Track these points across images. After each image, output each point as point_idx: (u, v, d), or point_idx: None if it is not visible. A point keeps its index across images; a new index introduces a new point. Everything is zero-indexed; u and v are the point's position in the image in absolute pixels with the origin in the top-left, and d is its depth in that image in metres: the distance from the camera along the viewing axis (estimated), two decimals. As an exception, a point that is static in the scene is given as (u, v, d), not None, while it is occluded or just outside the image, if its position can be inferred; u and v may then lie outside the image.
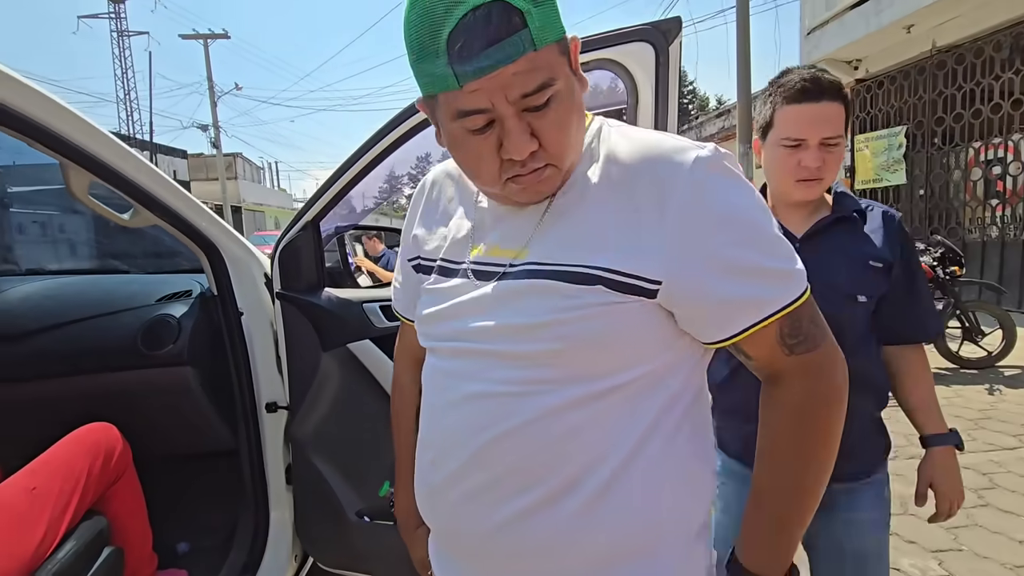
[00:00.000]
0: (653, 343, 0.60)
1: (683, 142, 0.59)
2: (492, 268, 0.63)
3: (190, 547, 1.51)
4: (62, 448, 1.10)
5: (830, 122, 1.02)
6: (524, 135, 0.55)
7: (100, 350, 1.33)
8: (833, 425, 0.62)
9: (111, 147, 1.07)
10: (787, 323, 0.59)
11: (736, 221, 0.57)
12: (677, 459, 0.62)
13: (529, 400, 0.59)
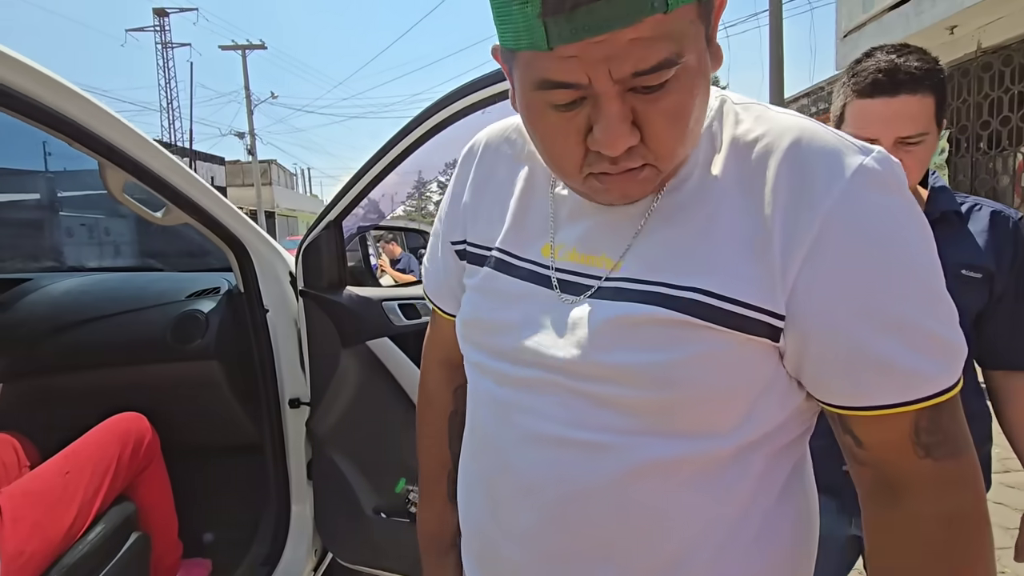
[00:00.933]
0: (775, 396, 0.47)
1: (843, 140, 0.44)
2: (581, 280, 0.49)
3: (214, 538, 1.55)
4: (95, 435, 1.14)
5: (908, 119, 0.88)
6: (623, 124, 0.40)
7: (133, 343, 1.38)
8: (991, 540, 0.45)
9: (145, 147, 1.11)
10: (930, 415, 0.43)
11: (905, 263, 0.42)
12: (781, 535, 0.50)
13: (626, 455, 0.46)
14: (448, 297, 0.67)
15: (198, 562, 1.41)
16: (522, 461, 0.50)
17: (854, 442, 0.47)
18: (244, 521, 1.55)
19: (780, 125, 0.45)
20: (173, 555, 1.29)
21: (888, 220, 0.42)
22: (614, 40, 0.37)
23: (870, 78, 0.90)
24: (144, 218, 1.25)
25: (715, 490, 0.47)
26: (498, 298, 0.54)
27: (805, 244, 0.42)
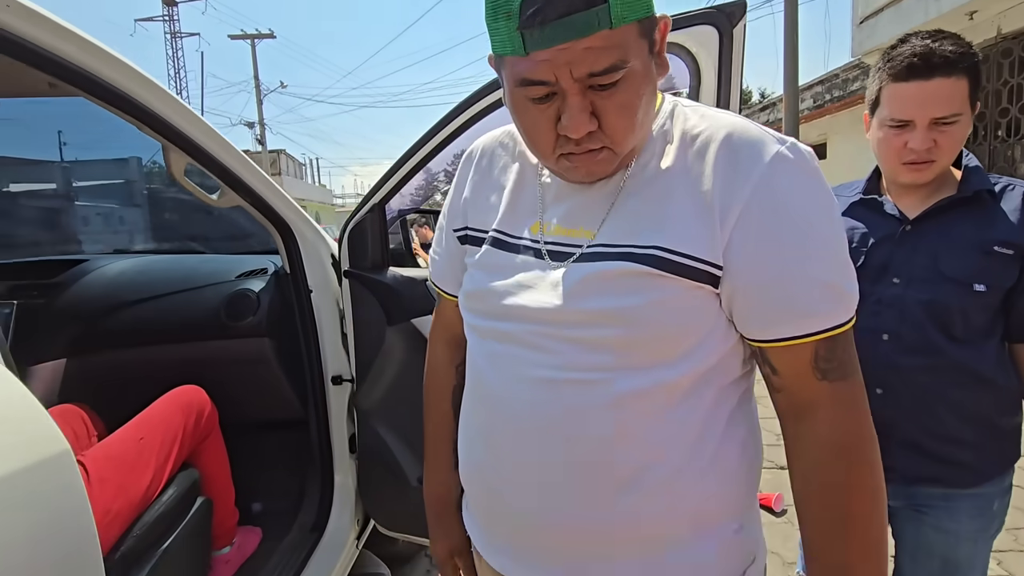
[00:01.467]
0: (718, 333, 0.58)
1: (765, 133, 0.57)
2: (565, 249, 0.61)
3: (263, 507, 1.62)
4: (162, 405, 1.21)
5: (942, 100, 0.93)
6: (583, 114, 0.52)
7: (188, 321, 1.45)
8: (876, 459, 0.57)
9: (207, 132, 1.16)
10: (825, 345, 0.56)
11: (805, 224, 0.55)
12: (730, 455, 0.61)
13: (600, 387, 0.57)
14: (451, 280, 0.78)
15: (251, 529, 1.49)
16: (516, 402, 0.61)
17: (771, 371, 0.60)
18: (291, 492, 1.63)
19: (718, 122, 0.58)
20: (230, 521, 1.37)
21: (796, 195, 0.55)
22: (573, 48, 0.49)
23: (905, 62, 0.94)
24: (200, 200, 1.30)
25: (676, 416, 0.58)
26: (496, 270, 0.65)
27: (736, 211, 0.54)
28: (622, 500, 0.58)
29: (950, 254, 1.00)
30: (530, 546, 0.64)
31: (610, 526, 0.60)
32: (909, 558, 1.14)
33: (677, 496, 0.59)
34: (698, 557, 0.61)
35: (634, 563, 0.60)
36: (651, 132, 0.61)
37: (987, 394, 1.02)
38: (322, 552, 1.47)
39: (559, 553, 0.62)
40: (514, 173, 0.69)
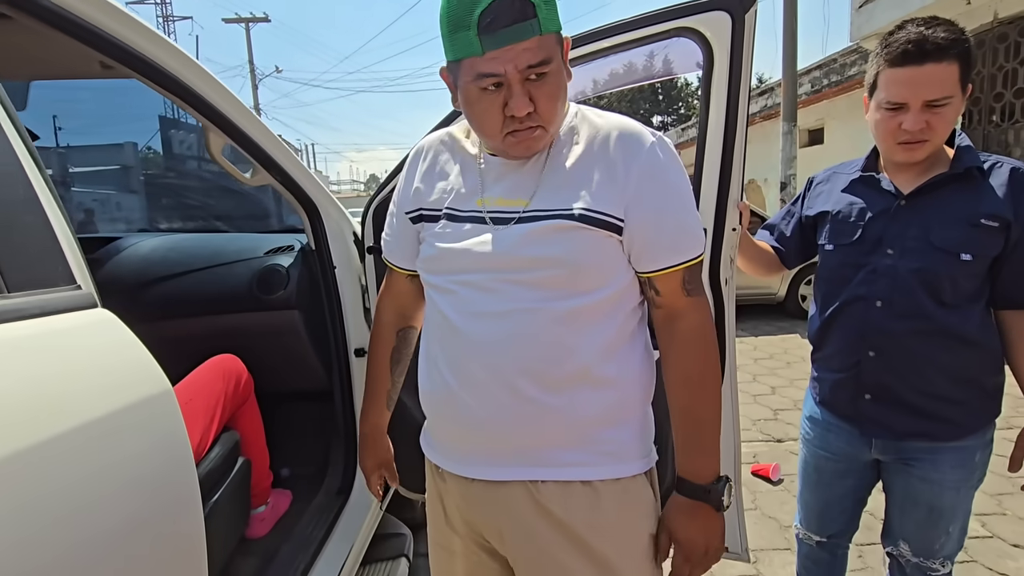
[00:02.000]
0: (621, 268, 0.80)
1: (643, 127, 0.80)
2: (505, 215, 0.79)
3: (291, 472, 1.71)
4: (204, 371, 1.29)
5: (934, 84, 1.01)
6: (525, 97, 0.71)
7: (222, 294, 1.52)
8: (716, 341, 0.85)
9: (245, 114, 1.23)
10: (688, 272, 0.81)
11: (674, 190, 0.79)
12: (636, 356, 0.84)
13: (541, 313, 0.76)
14: (401, 255, 0.96)
15: (282, 492, 1.57)
16: (477, 334, 0.78)
17: (655, 293, 0.83)
18: (317, 458, 1.72)
19: (612, 120, 0.81)
20: (266, 482, 1.45)
21: (665, 166, 0.78)
22: (517, 48, 0.68)
23: (900, 48, 1.02)
24: (235, 178, 1.37)
25: (598, 331, 0.79)
26: (452, 237, 0.82)
27: (631, 179, 0.76)
28: (566, 397, 0.78)
29: (940, 226, 1.08)
30: (495, 448, 0.81)
31: (559, 418, 0.78)
32: (898, 508, 1.24)
33: (604, 391, 0.79)
34: (622, 437, 0.82)
35: (577, 446, 0.80)
36: (563, 126, 0.81)
37: (972, 355, 1.11)
38: (349, 513, 1.56)
39: (520, 446, 0.80)
40: (457, 164, 0.87)
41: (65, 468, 0.50)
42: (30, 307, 0.52)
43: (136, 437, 0.58)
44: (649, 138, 0.78)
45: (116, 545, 0.54)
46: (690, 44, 1.17)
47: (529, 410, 0.77)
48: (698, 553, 0.83)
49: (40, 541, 0.47)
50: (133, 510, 0.56)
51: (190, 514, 0.64)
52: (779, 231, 1.41)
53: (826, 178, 1.33)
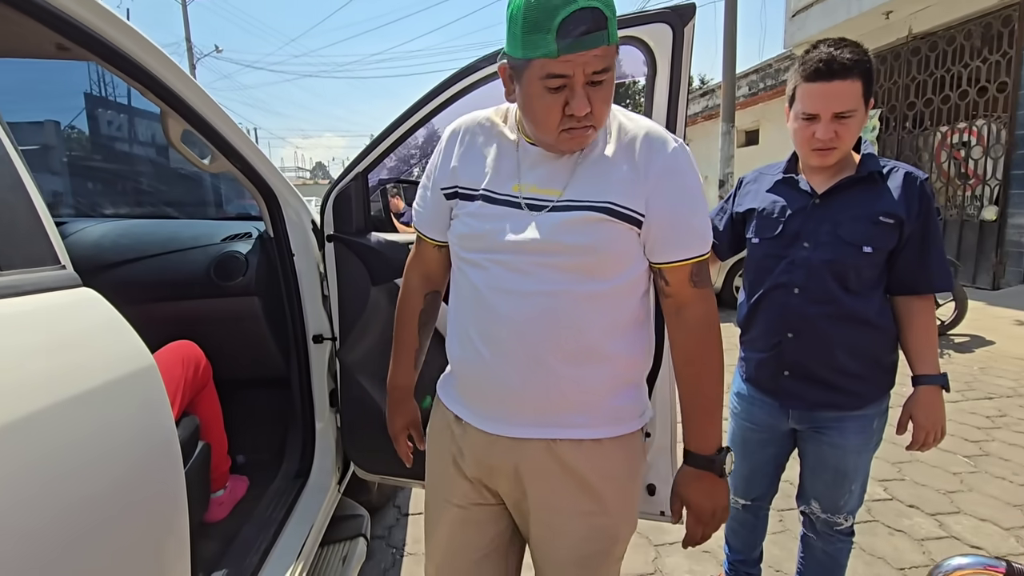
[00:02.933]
0: (637, 258, 0.89)
1: (667, 132, 0.89)
2: (541, 202, 0.87)
3: (246, 460, 1.72)
4: (162, 357, 1.29)
5: (842, 98, 1.16)
6: (585, 98, 0.78)
7: (178, 281, 1.50)
8: (720, 331, 0.94)
9: (204, 99, 1.23)
10: (696, 266, 0.90)
11: (690, 193, 0.88)
12: (644, 333, 0.96)
13: (565, 296, 0.85)
14: (433, 228, 1.02)
15: (238, 478, 1.59)
16: (508, 309, 0.87)
17: (665, 283, 0.91)
18: (274, 444, 1.73)
19: (640, 123, 0.89)
20: (224, 466, 1.47)
21: (684, 171, 0.87)
22: (588, 54, 0.75)
23: (813, 66, 1.17)
24: (194, 164, 1.37)
25: (616, 312, 0.89)
26: (488, 218, 0.89)
27: (652, 179, 0.85)
28: (580, 370, 0.88)
29: (847, 222, 1.24)
30: (518, 410, 0.91)
31: (573, 387, 0.88)
32: (810, 471, 1.41)
33: (612, 365, 0.90)
34: (626, 402, 0.94)
35: (587, 412, 0.91)
36: None
37: (872, 335, 1.28)
38: (308, 495, 1.59)
39: (539, 410, 0.90)
40: (494, 148, 0.93)
41: (55, 437, 0.53)
42: (18, 285, 0.55)
43: (123, 409, 0.62)
44: (672, 143, 0.87)
45: (106, 507, 0.58)
46: (636, 51, 1.27)
47: (550, 380, 0.87)
48: (707, 515, 0.95)
49: (34, 505, 0.51)
50: (121, 474, 0.60)
51: (173, 478, 0.68)
52: (713, 226, 1.54)
53: (754, 178, 1.48)
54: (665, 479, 1.35)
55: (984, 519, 2.17)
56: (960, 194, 6.63)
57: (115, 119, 2.32)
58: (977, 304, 5.37)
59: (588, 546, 0.95)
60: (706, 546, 2.01)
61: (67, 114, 2.24)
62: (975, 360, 4.22)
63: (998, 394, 3.53)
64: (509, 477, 0.95)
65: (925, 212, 1.23)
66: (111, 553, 0.57)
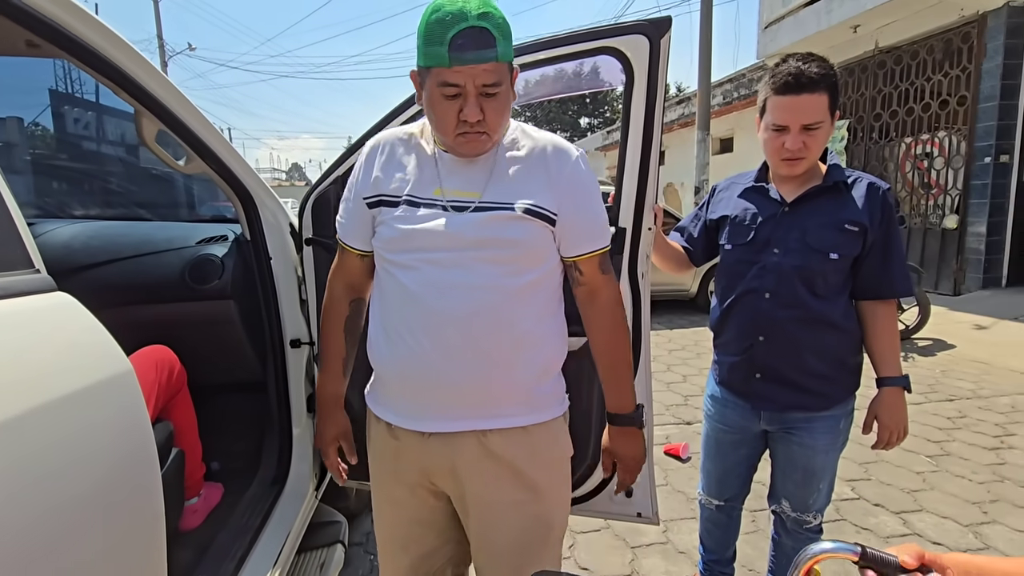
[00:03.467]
0: (553, 253, 1.01)
1: (570, 144, 1.02)
2: (462, 203, 0.96)
3: (221, 466, 1.69)
4: (136, 360, 1.25)
5: (810, 111, 1.21)
6: (476, 107, 0.88)
7: (151, 284, 1.47)
8: (623, 310, 1.08)
9: (178, 99, 1.21)
10: (602, 256, 1.03)
11: (593, 194, 1.01)
12: (557, 323, 1.05)
13: (499, 289, 0.94)
14: (355, 237, 1.08)
15: (213, 485, 1.56)
16: (439, 304, 0.94)
17: (579, 273, 1.03)
18: (249, 451, 1.70)
19: (547, 136, 1.02)
20: (198, 473, 1.44)
21: (587, 176, 1.01)
22: (477, 68, 0.85)
23: (782, 80, 1.22)
24: (169, 165, 1.34)
25: (537, 301, 0.99)
26: (413, 220, 0.97)
27: (562, 184, 0.97)
28: (512, 359, 0.96)
29: (815, 229, 1.29)
30: (452, 404, 0.98)
31: (505, 376, 0.97)
32: (780, 471, 1.45)
33: (538, 352, 1.00)
34: (550, 389, 1.04)
35: (516, 402, 1.00)
36: (506, 135, 1.00)
37: (838, 338, 1.32)
38: (285, 501, 1.57)
39: (473, 402, 0.97)
40: (414, 158, 1.02)
41: (34, 440, 0.53)
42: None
43: (100, 414, 0.61)
44: (575, 152, 1.01)
45: (84, 512, 0.57)
46: (612, 62, 1.30)
47: (492, 372, 0.96)
48: (633, 463, 1.10)
49: (12, 508, 0.50)
50: (98, 479, 0.60)
51: (152, 483, 0.67)
52: (688, 232, 1.58)
53: (726, 186, 1.52)
54: (641, 482, 1.38)
55: (945, 516, 2.25)
56: (923, 203, 6.87)
57: (83, 117, 2.27)
58: (939, 309, 5.58)
59: (525, 535, 1.03)
60: (682, 547, 2.05)
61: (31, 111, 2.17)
62: (937, 363, 4.38)
63: (958, 396, 3.67)
64: (447, 475, 1.02)
65: (887, 220, 1.28)
66: (90, 557, 0.56)
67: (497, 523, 1.02)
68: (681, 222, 1.64)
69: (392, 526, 1.13)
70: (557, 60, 1.31)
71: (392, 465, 1.07)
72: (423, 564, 1.13)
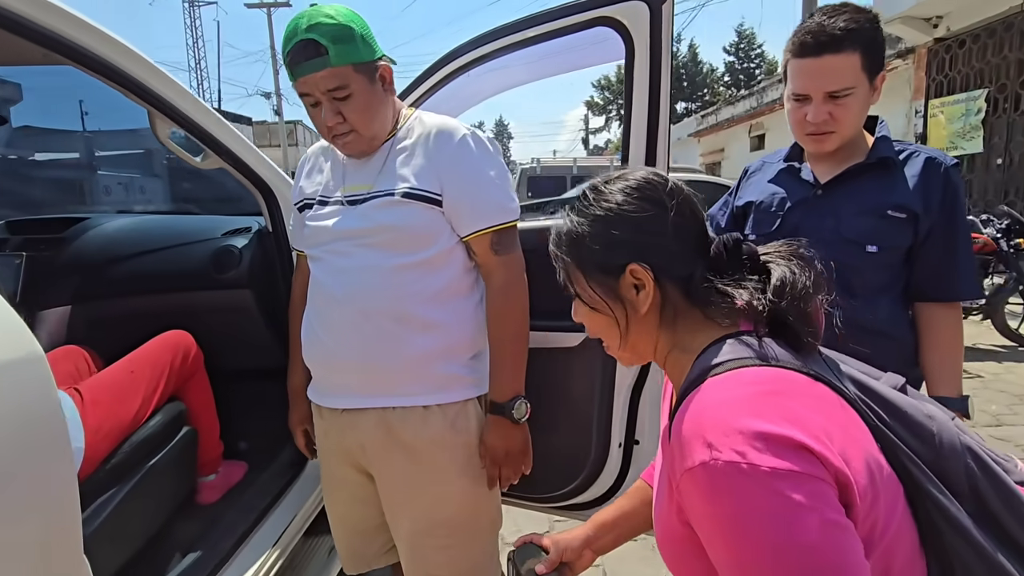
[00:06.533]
0: (443, 233, 1.03)
1: (459, 124, 1.05)
2: (357, 197, 1.04)
3: (248, 446, 1.79)
4: (152, 345, 1.36)
5: (834, 75, 1.00)
6: (331, 112, 0.97)
7: (179, 273, 1.59)
8: (524, 295, 1.07)
9: (187, 98, 1.28)
10: (496, 236, 1.04)
11: (479, 171, 1.02)
12: (468, 306, 1.06)
13: (378, 269, 1.00)
14: (299, 241, 1.19)
15: (237, 463, 1.65)
16: (335, 290, 1.02)
17: (473, 253, 1.06)
18: (273, 433, 1.79)
19: (437, 120, 1.06)
20: (215, 452, 1.53)
21: (471, 154, 1.03)
22: (314, 77, 0.95)
23: (799, 39, 1.01)
24: (185, 162, 1.43)
25: (430, 282, 1.02)
26: (320, 217, 1.07)
27: (443, 164, 1.01)
28: (400, 336, 1.01)
29: (850, 217, 1.08)
30: (352, 381, 1.05)
31: (394, 353, 1.01)
32: None
33: (432, 334, 1.02)
34: (450, 371, 1.06)
35: (412, 380, 1.03)
36: (401, 125, 1.07)
37: (881, 346, 1.09)
38: (300, 484, 1.63)
39: (369, 380, 1.04)
40: (329, 163, 1.12)
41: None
42: None
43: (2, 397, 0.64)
44: (461, 132, 1.04)
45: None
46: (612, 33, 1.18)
47: (367, 348, 1.01)
48: (500, 455, 1.07)
49: None
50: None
51: (60, 466, 0.70)
52: (716, 222, 1.41)
53: (758, 167, 1.33)
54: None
55: None
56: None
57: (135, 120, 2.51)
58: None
59: (430, 517, 1.06)
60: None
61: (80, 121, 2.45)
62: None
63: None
64: (360, 453, 1.09)
65: (950, 205, 1.04)
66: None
67: (402, 505, 1.07)
68: (710, 210, 1.46)
69: (333, 503, 1.22)
70: (548, 36, 1.22)
71: (323, 443, 1.17)
72: (369, 542, 1.20)
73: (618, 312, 0.67)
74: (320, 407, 1.14)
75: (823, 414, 0.54)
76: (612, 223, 0.66)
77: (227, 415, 1.65)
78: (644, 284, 0.65)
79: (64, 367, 1.35)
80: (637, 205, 0.65)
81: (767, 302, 0.61)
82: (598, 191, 0.68)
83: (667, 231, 0.65)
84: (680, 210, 0.65)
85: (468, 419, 1.08)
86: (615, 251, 0.66)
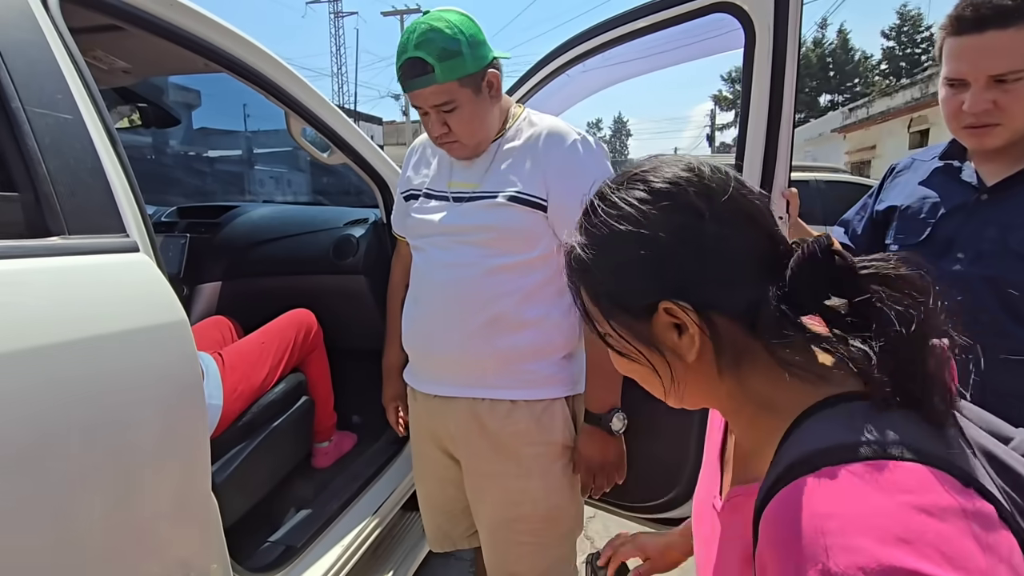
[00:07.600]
0: (545, 237, 1.04)
1: (570, 128, 1.06)
2: (463, 194, 1.07)
3: (361, 420, 1.94)
4: (280, 321, 1.53)
5: (999, 55, 0.86)
6: (436, 124, 1.02)
7: (306, 258, 1.77)
8: None
9: (318, 101, 1.42)
10: None
11: (587, 176, 0.91)
12: (560, 307, 1.06)
13: (476, 267, 1.04)
14: (400, 226, 1.26)
15: (348, 434, 1.80)
16: (434, 282, 1.09)
17: None
18: (382, 410, 1.93)
19: (546, 122, 1.08)
20: (329, 421, 1.68)
21: (581, 160, 1.03)
22: (422, 93, 0.99)
23: (956, 12, 0.87)
24: (315, 159, 1.58)
25: (525, 282, 1.04)
26: (425, 209, 1.12)
27: (551, 169, 1.03)
28: (492, 332, 1.04)
29: (1022, 228, 0.91)
30: (445, 370, 1.10)
31: (486, 347, 1.05)
32: None
33: (524, 332, 1.05)
34: (541, 369, 1.07)
35: (503, 375, 1.06)
36: (510, 126, 1.09)
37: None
38: (402, 459, 1.74)
39: (460, 371, 1.08)
40: (436, 157, 1.16)
41: (87, 365, 0.68)
42: (80, 247, 0.71)
43: (149, 352, 0.75)
44: (571, 136, 1.05)
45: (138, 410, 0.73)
46: (730, 19, 1.11)
47: (462, 340, 1.06)
48: (595, 465, 1.08)
49: (90, 402, 0.66)
50: (145, 404, 0.74)
51: (196, 421, 0.81)
52: (852, 227, 1.26)
53: (907, 165, 1.17)
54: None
55: None
56: None
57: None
58: None
59: (509, 510, 1.08)
60: None
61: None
62: None
63: None
64: (449, 439, 1.13)
65: None
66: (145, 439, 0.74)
67: (483, 494, 1.11)
68: (847, 214, 1.31)
69: (422, 481, 1.29)
70: (660, 26, 1.16)
71: (415, 425, 1.24)
72: (454, 524, 1.24)
73: (656, 362, 0.49)
74: (415, 390, 1.20)
75: (978, 541, 0.36)
76: (627, 247, 0.47)
77: (342, 389, 1.80)
78: (687, 326, 0.47)
79: (213, 334, 1.56)
80: (660, 218, 0.47)
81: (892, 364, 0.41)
82: (605, 199, 0.50)
83: (707, 248, 0.46)
84: (724, 216, 0.46)
85: (554, 418, 1.08)
86: (637, 286, 0.48)
